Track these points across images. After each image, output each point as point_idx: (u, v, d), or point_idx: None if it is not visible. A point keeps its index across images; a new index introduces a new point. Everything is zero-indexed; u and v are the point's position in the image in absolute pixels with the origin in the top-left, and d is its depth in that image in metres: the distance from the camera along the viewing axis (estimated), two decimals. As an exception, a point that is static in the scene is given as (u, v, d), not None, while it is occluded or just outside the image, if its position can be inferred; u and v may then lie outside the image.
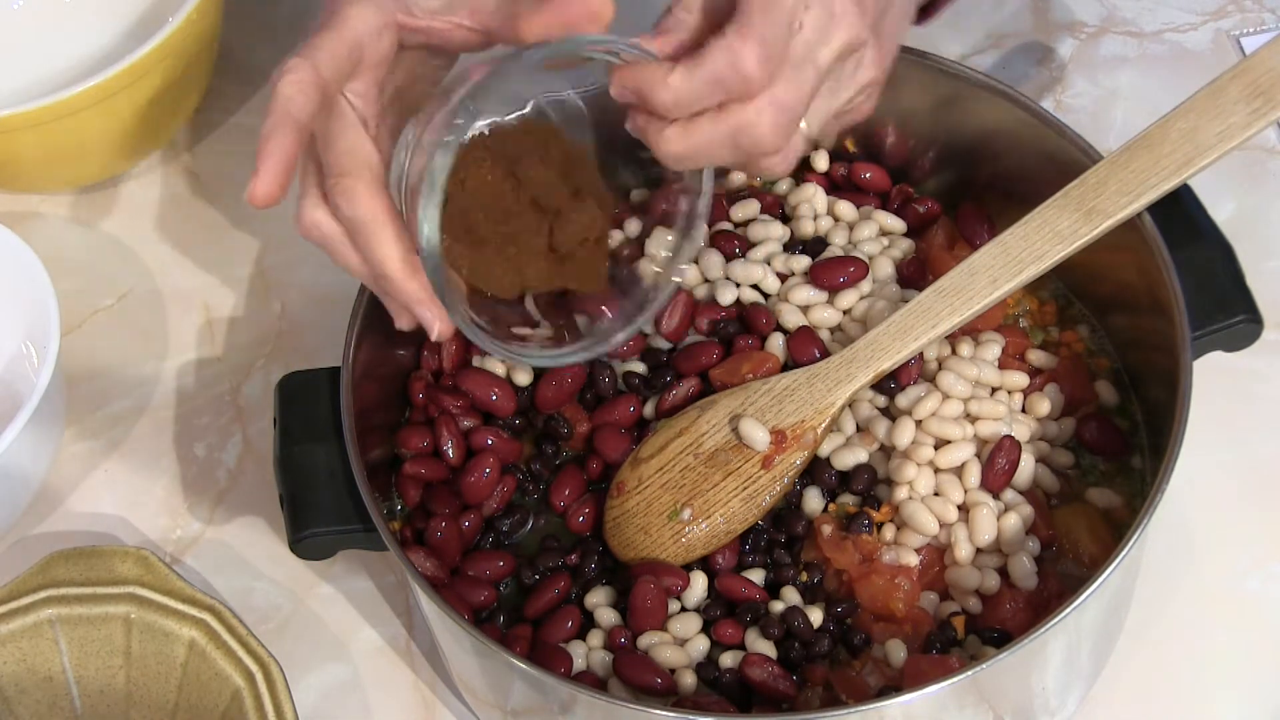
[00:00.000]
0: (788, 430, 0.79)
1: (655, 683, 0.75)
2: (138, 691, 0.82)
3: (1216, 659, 0.83)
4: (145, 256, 1.04)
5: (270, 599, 0.89)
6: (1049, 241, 0.77)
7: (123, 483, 0.95)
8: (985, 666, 0.68)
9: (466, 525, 0.82)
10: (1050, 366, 0.83)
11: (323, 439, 0.79)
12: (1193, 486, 0.86)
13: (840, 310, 0.84)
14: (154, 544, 0.92)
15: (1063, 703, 0.78)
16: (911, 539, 0.77)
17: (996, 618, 0.76)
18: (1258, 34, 1.07)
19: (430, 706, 0.85)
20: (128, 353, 1.00)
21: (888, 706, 0.68)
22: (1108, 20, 1.09)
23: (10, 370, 0.95)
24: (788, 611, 0.76)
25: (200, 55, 1.03)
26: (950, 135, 0.89)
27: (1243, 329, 0.79)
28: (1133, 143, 0.77)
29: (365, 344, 0.81)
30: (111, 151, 1.03)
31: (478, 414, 0.85)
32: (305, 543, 0.78)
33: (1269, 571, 0.85)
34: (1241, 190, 0.99)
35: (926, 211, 0.89)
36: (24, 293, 0.92)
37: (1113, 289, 0.83)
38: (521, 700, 0.75)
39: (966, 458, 0.78)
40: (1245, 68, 0.76)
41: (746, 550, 0.80)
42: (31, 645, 0.81)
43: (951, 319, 0.78)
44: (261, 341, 1.00)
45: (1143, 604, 0.83)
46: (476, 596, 0.79)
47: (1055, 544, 0.78)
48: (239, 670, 0.78)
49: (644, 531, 0.80)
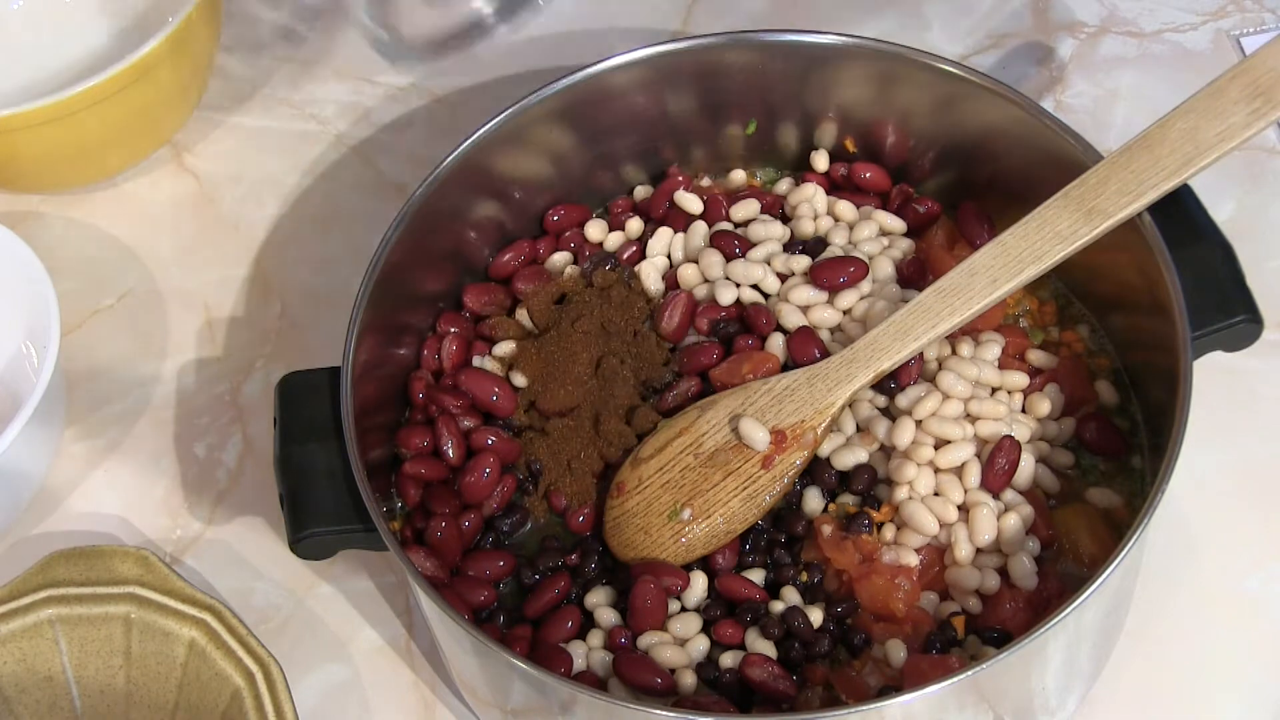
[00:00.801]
0: (788, 430, 0.79)
1: (655, 683, 0.75)
2: (138, 691, 0.82)
3: (1216, 659, 0.83)
4: (145, 256, 1.04)
5: (270, 599, 0.89)
6: (1049, 241, 0.77)
7: (123, 483, 0.95)
8: (985, 666, 0.68)
9: (466, 525, 0.82)
10: (1050, 366, 0.83)
11: (323, 439, 0.79)
12: (1193, 486, 0.86)
13: (840, 310, 0.84)
14: (154, 544, 0.92)
15: (1063, 703, 0.78)
16: (911, 539, 0.77)
17: (996, 618, 0.76)
18: (1258, 34, 1.07)
19: (430, 706, 0.85)
20: (128, 353, 1.00)
21: (888, 706, 0.68)
22: (1108, 20, 1.09)
23: (10, 370, 0.95)
24: (788, 611, 0.76)
25: (200, 55, 1.03)
26: (950, 135, 0.89)
27: (1243, 329, 0.79)
28: (1133, 143, 0.77)
29: (365, 344, 0.81)
30: (111, 151, 1.03)
31: (478, 414, 0.85)
32: (305, 543, 0.78)
33: (1269, 571, 0.85)
34: (1241, 190, 0.99)
35: (926, 211, 0.89)
36: (24, 293, 0.92)
37: (1113, 289, 0.83)
38: (521, 700, 0.75)
39: (966, 458, 0.78)
40: (1245, 68, 0.76)
41: (746, 550, 0.80)
42: (31, 645, 0.81)
43: (951, 319, 0.78)
44: (261, 341, 1.00)
45: (1143, 604, 0.83)
46: (476, 596, 0.79)
47: (1055, 544, 0.78)
48: (239, 670, 0.78)
49: (644, 531, 0.80)
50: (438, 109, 1.09)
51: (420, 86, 1.11)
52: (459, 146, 0.85)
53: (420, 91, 1.10)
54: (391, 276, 0.83)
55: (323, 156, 1.04)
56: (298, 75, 1.12)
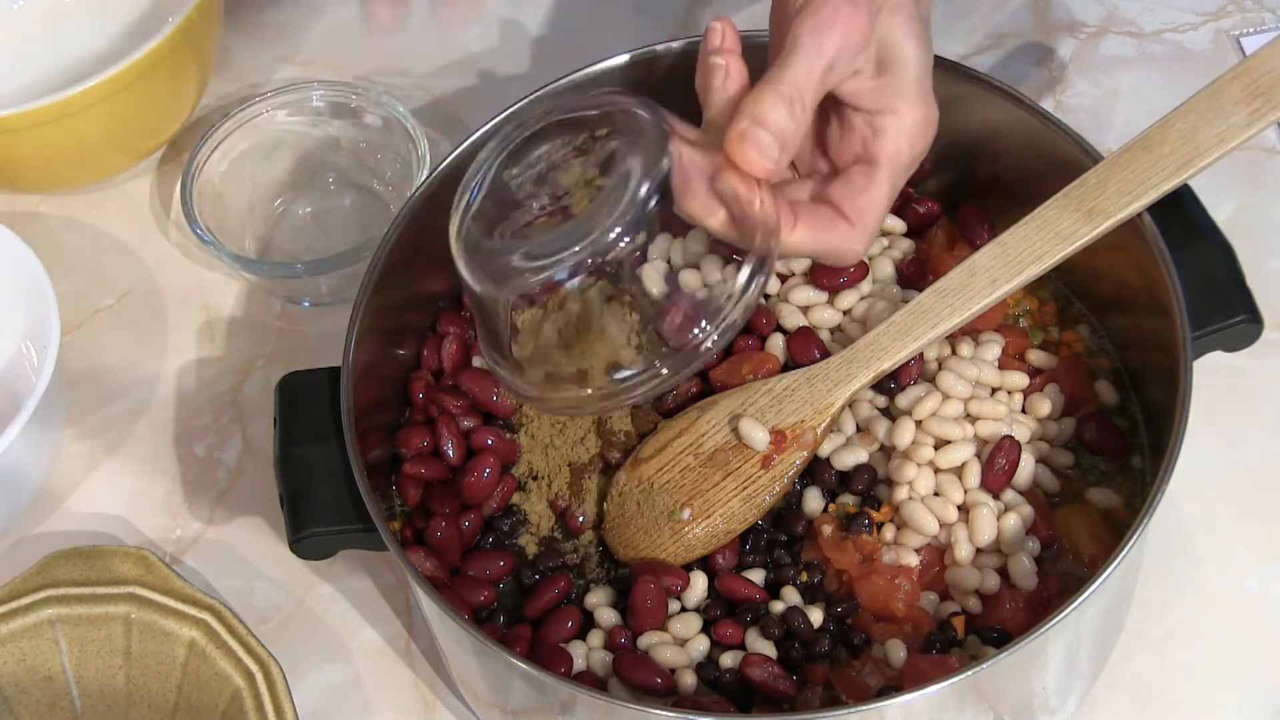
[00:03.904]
0: (787, 430, 0.79)
1: (655, 683, 0.75)
2: (138, 691, 0.82)
3: (1216, 659, 0.83)
4: (145, 256, 1.04)
5: (270, 599, 0.89)
6: (1049, 242, 0.77)
7: (123, 483, 0.95)
8: (985, 666, 0.68)
9: (466, 525, 0.82)
10: (1050, 366, 0.83)
11: (323, 439, 0.79)
12: (1193, 486, 0.86)
13: (840, 310, 0.84)
14: (154, 544, 0.92)
15: (1063, 703, 0.78)
16: (911, 539, 0.77)
17: (996, 618, 0.76)
18: (1258, 34, 1.07)
19: (430, 706, 0.85)
20: (128, 353, 1.00)
21: (888, 706, 0.68)
22: (1108, 20, 1.09)
23: (10, 370, 0.95)
24: (788, 611, 0.76)
25: (200, 55, 1.03)
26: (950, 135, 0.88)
27: (1243, 329, 0.79)
28: (1133, 143, 0.77)
29: (365, 344, 0.81)
30: (111, 151, 1.03)
31: (478, 414, 0.85)
32: (305, 543, 0.78)
33: (1269, 571, 0.85)
34: (1241, 190, 0.99)
35: (926, 211, 0.89)
36: (24, 293, 0.92)
37: (1113, 289, 0.83)
38: (521, 700, 0.75)
39: (966, 458, 0.78)
40: (1245, 68, 0.76)
41: (746, 550, 0.80)
42: (31, 645, 0.81)
43: (951, 319, 0.78)
44: (261, 341, 1.00)
45: (1143, 604, 0.83)
46: (476, 596, 0.79)
47: (1055, 544, 0.78)
48: (239, 670, 0.79)
49: (644, 531, 0.80)
50: (438, 109, 1.09)
51: (420, 86, 1.11)
52: (459, 146, 0.85)
53: (420, 91, 1.11)
54: (391, 276, 0.83)
55: (323, 156, 1.04)
56: (298, 75, 1.12)
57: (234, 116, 1.01)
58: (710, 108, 0.74)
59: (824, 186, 0.76)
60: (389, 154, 1.02)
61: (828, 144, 0.78)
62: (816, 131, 0.78)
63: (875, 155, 0.75)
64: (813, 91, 0.71)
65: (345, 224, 1.04)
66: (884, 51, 0.74)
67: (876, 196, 0.75)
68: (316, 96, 1.02)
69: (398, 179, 1.02)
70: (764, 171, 0.70)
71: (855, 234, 0.74)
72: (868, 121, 0.75)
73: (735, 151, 0.70)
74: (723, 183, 0.70)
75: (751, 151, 0.70)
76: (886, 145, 0.75)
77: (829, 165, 0.78)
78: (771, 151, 0.70)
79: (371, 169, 1.04)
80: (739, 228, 0.71)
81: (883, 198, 0.75)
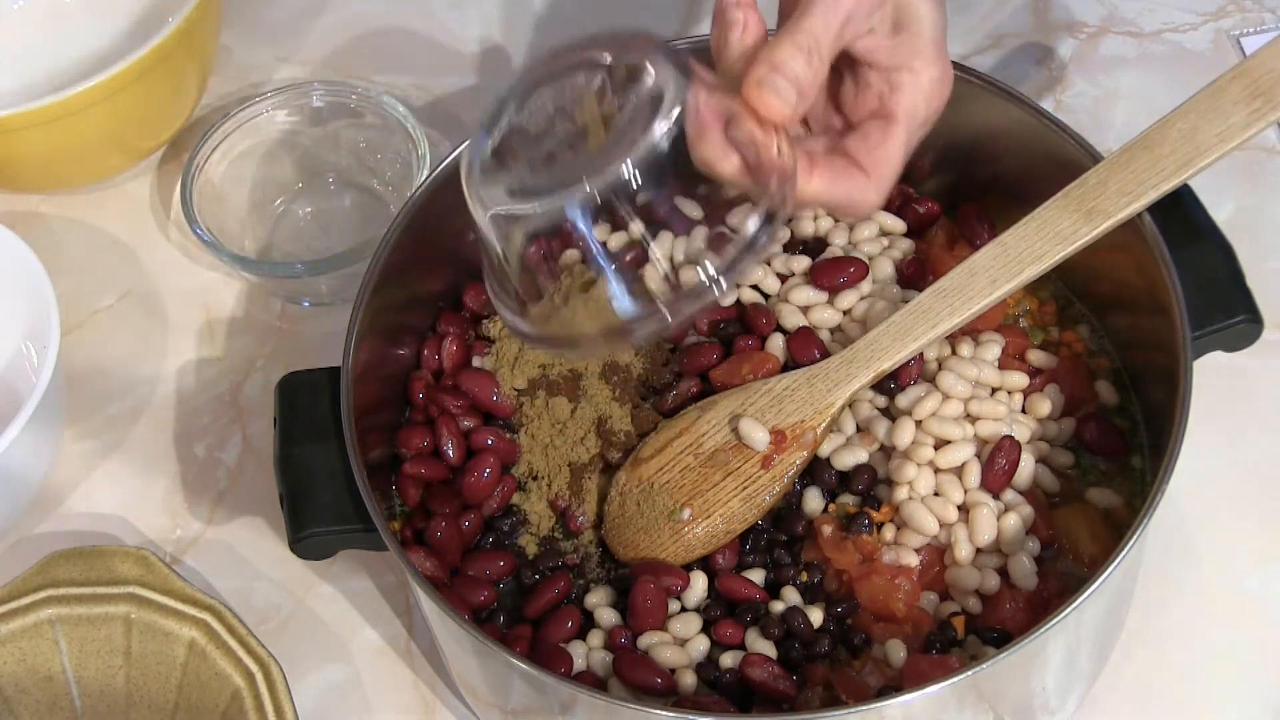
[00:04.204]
0: (787, 430, 0.79)
1: (655, 683, 0.75)
2: (138, 691, 0.82)
3: (1216, 659, 0.83)
4: (145, 256, 1.04)
5: (270, 599, 0.89)
6: (1049, 242, 0.77)
7: (123, 483, 0.95)
8: (985, 666, 0.68)
9: (466, 525, 0.82)
10: (1050, 366, 0.83)
11: (323, 439, 0.79)
12: (1193, 486, 0.86)
13: (840, 310, 0.84)
14: (154, 544, 0.92)
15: (1063, 703, 0.78)
16: (911, 539, 0.77)
17: (996, 618, 0.76)
18: (1258, 34, 1.07)
19: (430, 706, 0.85)
20: (128, 353, 1.00)
21: (888, 706, 0.68)
22: (1108, 20, 1.09)
23: (10, 370, 0.95)
24: (788, 611, 0.76)
25: (200, 55, 1.03)
26: (950, 135, 0.88)
27: (1243, 329, 0.79)
28: (1133, 143, 0.77)
29: (365, 344, 0.81)
30: (111, 151, 1.03)
31: (478, 414, 0.85)
32: (305, 543, 0.78)
33: (1269, 571, 0.86)
34: (1241, 190, 0.99)
35: (926, 212, 0.89)
36: (24, 293, 0.92)
37: (1113, 289, 0.83)
38: (521, 700, 0.75)
39: (966, 458, 0.78)
40: (1245, 68, 0.76)
41: (746, 550, 0.80)
42: (31, 645, 0.81)
43: (951, 319, 0.78)
44: (261, 341, 1.00)
45: (1143, 604, 0.83)
46: (476, 596, 0.79)
47: (1055, 544, 0.78)
48: (239, 670, 0.79)
49: (644, 531, 0.80)
50: (438, 109, 1.09)
51: (420, 86, 1.11)
52: (459, 147, 0.85)
53: (420, 91, 1.11)
54: (391, 276, 0.83)
55: (322, 156, 1.04)
56: (298, 74, 1.12)
57: (234, 116, 1.01)
58: (725, 59, 0.74)
59: (838, 141, 0.76)
60: (389, 154, 1.02)
61: (842, 101, 0.78)
62: (830, 89, 0.78)
63: (892, 110, 0.75)
64: (829, 43, 0.71)
65: (345, 224, 1.04)
66: (900, 11, 0.74)
67: (893, 149, 0.75)
68: (316, 96, 1.02)
69: (398, 179, 1.02)
70: (782, 117, 0.70)
71: (871, 184, 0.74)
72: (884, 78, 0.75)
73: (753, 96, 0.70)
74: (739, 129, 0.70)
75: (770, 96, 0.70)
76: (904, 100, 0.75)
77: (843, 121, 0.78)
78: (790, 97, 0.70)
79: (371, 169, 1.04)
80: (753, 175, 0.71)
81: (899, 151, 0.75)
